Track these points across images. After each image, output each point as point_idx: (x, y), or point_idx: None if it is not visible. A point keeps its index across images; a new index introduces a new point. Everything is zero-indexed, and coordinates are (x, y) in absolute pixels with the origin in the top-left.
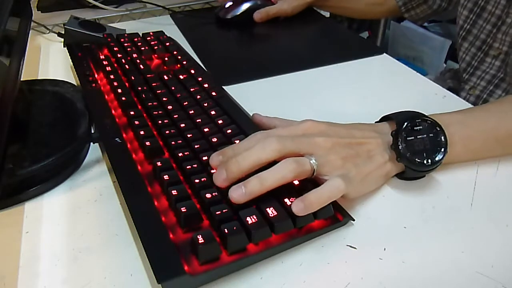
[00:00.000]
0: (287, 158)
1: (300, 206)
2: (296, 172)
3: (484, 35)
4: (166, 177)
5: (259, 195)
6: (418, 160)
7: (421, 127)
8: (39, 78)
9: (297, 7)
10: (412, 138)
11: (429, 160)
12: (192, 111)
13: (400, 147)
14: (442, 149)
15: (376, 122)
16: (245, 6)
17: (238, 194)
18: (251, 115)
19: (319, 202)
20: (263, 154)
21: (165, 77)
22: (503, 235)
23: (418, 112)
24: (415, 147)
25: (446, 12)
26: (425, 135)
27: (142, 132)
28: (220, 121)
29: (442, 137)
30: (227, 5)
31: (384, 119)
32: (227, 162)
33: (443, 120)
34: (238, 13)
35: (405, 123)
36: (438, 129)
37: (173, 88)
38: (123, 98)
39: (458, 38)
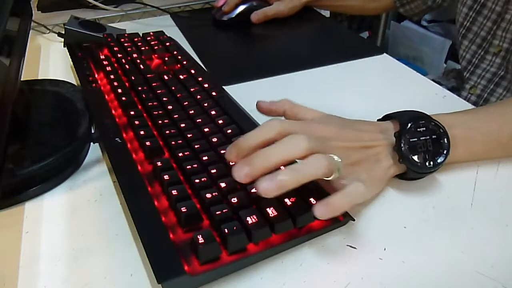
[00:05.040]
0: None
1: (322, 210)
2: (327, 169)
3: (484, 33)
4: (166, 177)
5: (289, 189)
6: (420, 162)
7: (424, 129)
8: (39, 78)
9: (293, 8)
10: (415, 139)
11: (431, 162)
12: (192, 111)
13: (402, 148)
14: (445, 151)
15: (378, 120)
16: (241, 8)
17: (265, 187)
18: (251, 115)
19: (342, 206)
20: (294, 152)
21: (165, 77)
22: (503, 235)
23: (421, 112)
24: (418, 148)
25: (442, 9)
26: (428, 137)
27: (142, 132)
28: (220, 121)
29: (445, 139)
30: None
31: (386, 117)
32: (252, 157)
33: (446, 121)
34: (234, 15)
35: (409, 125)
36: (442, 131)
37: (173, 88)
38: (123, 98)
39: (458, 36)
